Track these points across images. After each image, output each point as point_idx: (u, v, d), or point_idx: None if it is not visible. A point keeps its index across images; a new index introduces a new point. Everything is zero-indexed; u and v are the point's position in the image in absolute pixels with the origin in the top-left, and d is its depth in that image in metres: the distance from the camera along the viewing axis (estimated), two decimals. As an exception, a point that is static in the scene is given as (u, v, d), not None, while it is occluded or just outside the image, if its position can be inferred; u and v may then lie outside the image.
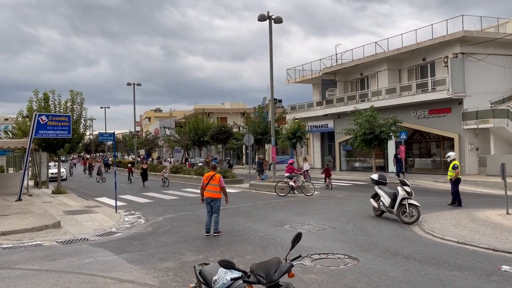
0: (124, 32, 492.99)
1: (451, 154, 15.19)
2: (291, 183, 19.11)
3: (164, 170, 27.17)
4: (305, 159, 32.01)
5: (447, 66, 25.68)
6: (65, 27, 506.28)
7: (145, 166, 27.79)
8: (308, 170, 29.13)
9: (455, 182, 14.33)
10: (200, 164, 40.51)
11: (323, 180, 22.71)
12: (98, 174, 33.15)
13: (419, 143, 30.16)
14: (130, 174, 30.97)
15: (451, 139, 26.73)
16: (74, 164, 51.01)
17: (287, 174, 19.77)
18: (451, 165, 14.54)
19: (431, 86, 27.28)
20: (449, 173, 14.62)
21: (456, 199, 14.32)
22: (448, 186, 20.46)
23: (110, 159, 45.51)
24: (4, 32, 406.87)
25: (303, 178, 19.70)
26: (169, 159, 47.76)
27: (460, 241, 9.08)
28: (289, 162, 20.34)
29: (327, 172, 22.35)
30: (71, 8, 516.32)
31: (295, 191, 19.04)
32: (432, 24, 27.75)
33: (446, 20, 26.85)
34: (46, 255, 8.81)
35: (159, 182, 27.05)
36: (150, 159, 55.78)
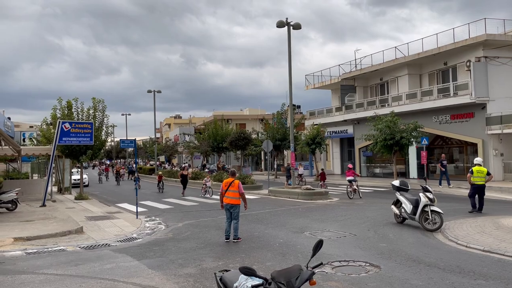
0: (145, 41, 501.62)
1: (477, 159, 14.86)
2: (354, 186, 19.63)
3: (206, 178, 24.15)
4: (300, 164, 32.76)
5: (470, 70, 25.22)
6: (89, 36, 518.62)
7: (185, 173, 25.97)
8: (302, 174, 30.35)
9: (472, 187, 14.16)
10: (206, 170, 40.51)
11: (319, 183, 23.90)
12: (134, 179, 30.76)
13: (441, 149, 29.62)
14: (161, 183, 27.61)
15: (475, 145, 26.17)
16: (103, 171, 47.07)
17: (349, 178, 19.93)
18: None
19: (453, 91, 26.82)
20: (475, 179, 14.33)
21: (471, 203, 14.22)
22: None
23: (117, 165, 43.96)
24: (31, 42, 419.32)
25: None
26: (184, 165, 47.89)
27: (485, 249, 8.85)
28: (349, 166, 21.10)
29: (322, 176, 24.11)
30: (94, 18, 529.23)
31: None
32: (453, 28, 27.37)
33: (468, 23, 26.45)
34: (69, 260, 8.96)
35: (195, 191, 24.77)
36: (169, 165, 56.32)
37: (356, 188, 19.67)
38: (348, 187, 19.78)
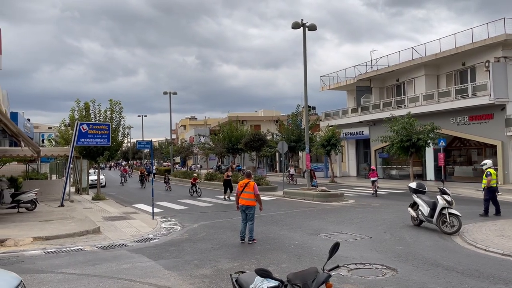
0: (162, 43, 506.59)
1: (487, 162, 14.44)
2: (375, 187, 21.60)
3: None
4: (291, 165, 33.13)
5: (489, 70, 24.79)
6: (106, 39, 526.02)
7: (230, 174, 23.29)
8: (293, 174, 32.58)
9: (488, 191, 13.76)
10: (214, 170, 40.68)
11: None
12: (168, 181, 29.74)
13: (459, 151, 29.18)
14: (195, 186, 24.27)
15: (493, 146, 25.70)
16: (129, 174, 43.68)
17: (373, 179, 21.77)
18: (485, 173, 14.01)
19: (471, 92, 26.41)
20: (483, 181, 14.06)
21: (484, 207, 13.86)
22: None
23: (154, 167, 40.47)
24: (50, 45, 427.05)
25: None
26: (196, 166, 47.68)
27: (505, 253, 8.68)
28: (372, 168, 23.47)
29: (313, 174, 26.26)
30: (112, 21, 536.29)
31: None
32: (472, 28, 26.97)
33: (487, 23, 26.01)
34: (87, 259, 9.08)
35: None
36: (184, 166, 56.70)
37: (376, 188, 21.74)
38: (372, 187, 21.79)
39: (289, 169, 32.74)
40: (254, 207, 10.66)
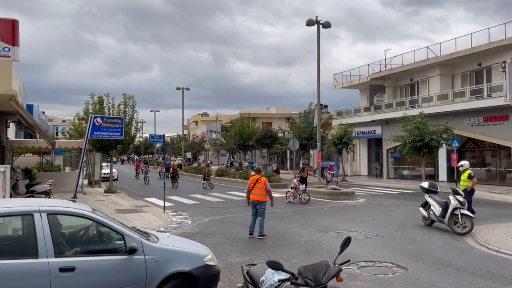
0: (176, 39, 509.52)
1: (465, 163, 14.14)
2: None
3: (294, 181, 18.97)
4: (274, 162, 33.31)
5: (505, 71, 24.41)
6: (122, 34, 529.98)
7: (275, 168, 21.85)
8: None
9: (471, 192, 13.46)
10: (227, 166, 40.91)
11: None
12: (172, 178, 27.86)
13: (473, 152, 28.83)
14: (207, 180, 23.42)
15: (508, 148, 25.35)
16: (142, 170, 39.18)
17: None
18: (465, 174, 13.67)
19: (486, 92, 26.06)
20: (463, 183, 13.69)
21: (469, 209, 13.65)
22: (505, 198, 19.49)
23: (173, 162, 36.46)
24: (67, 39, 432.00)
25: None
26: (205, 162, 47.02)
27: (517, 255, 8.60)
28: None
29: (330, 168, 27.88)
30: (128, 16, 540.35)
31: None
32: (488, 28, 26.59)
33: (504, 23, 25.65)
34: (99, 250, 9.20)
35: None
36: (195, 162, 56.90)
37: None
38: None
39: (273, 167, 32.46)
40: (265, 203, 10.73)
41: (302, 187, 18.34)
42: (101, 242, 5.36)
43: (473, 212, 13.42)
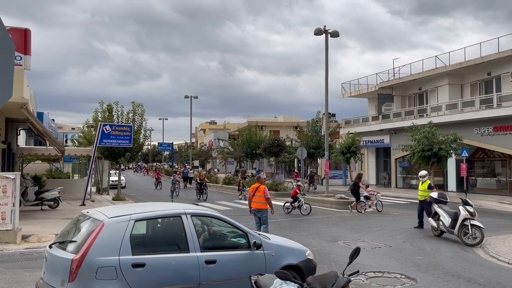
0: (186, 47, 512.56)
1: (425, 172, 14.09)
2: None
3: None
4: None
5: (515, 80, 24.27)
6: (132, 43, 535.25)
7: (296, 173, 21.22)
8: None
9: (430, 203, 13.12)
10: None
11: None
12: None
13: (482, 162, 28.57)
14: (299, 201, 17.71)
15: (518, 158, 25.10)
16: (184, 181, 35.44)
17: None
18: (425, 185, 13.56)
19: (496, 102, 25.87)
20: (422, 193, 13.57)
21: (420, 220, 13.68)
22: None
23: (191, 171, 35.16)
24: (78, 48, 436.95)
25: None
26: (213, 170, 47.09)
27: (529, 267, 8.47)
28: (295, 171, 20.27)
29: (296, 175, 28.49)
30: (139, 25, 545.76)
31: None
32: (498, 37, 26.44)
33: (514, 32, 25.46)
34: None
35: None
36: (203, 170, 56.99)
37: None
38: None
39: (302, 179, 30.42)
40: (266, 210, 10.94)
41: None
42: (230, 239, 6.22)
43: (421, 225, 13.58)
